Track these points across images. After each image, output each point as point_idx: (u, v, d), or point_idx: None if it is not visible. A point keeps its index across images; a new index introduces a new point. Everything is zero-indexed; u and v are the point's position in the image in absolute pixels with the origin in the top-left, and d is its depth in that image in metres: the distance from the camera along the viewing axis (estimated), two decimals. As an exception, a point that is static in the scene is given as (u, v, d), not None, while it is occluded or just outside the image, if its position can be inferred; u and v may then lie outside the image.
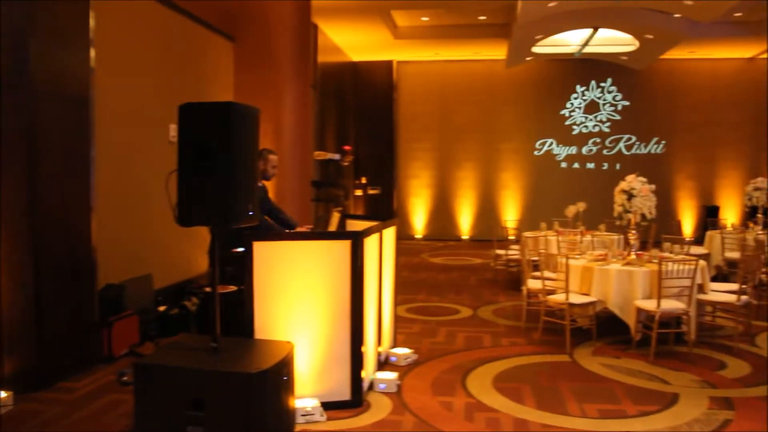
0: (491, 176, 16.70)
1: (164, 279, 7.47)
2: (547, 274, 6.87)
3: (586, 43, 13.68)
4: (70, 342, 5.63)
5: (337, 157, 13.26)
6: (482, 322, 7.70)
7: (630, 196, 6.93)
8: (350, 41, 14.79)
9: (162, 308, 6.94)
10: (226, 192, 4.03)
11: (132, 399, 4.03)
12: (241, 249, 4.80)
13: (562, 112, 16.51)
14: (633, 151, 16.32)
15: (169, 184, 4.18)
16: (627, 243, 7.30)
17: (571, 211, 9.94)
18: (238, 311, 4.74)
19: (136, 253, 7.05)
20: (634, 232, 7.10)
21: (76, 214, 5.79)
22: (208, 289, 4.51)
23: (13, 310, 5.18)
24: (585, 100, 16.42)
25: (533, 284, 7.23)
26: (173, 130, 7.46)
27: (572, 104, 16.46)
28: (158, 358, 4.25)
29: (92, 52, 5.93)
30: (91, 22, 5.92)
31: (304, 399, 4.60)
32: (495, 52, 15.48)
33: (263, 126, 4.51)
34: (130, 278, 6.66)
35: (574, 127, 16.49)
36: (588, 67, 15.95)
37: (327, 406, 4.67)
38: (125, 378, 5.25)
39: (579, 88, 16.41)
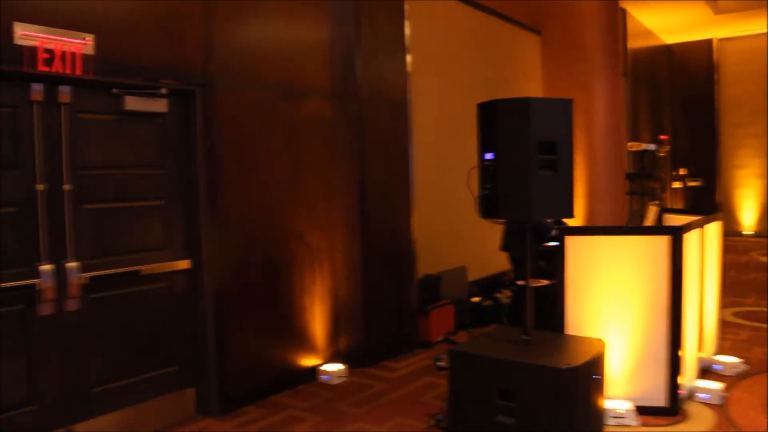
0: (840, 163, 14.49)
1: (477, 272, 7.77)
2: None
3: None
4: (392, 325, 6.15)
5: (652, 147, 12.54)
6: (827, 332, 6.73)
7: None
8: (663, 23, 13.88)
9: (475, 299, 7.23)
10: (530, 186, 3.99)
11: (446, 384, 4.26)
12: (554, 243, 4.75)
13: None
14: None
15: (473, 179, 4.31)
16: None
17: None
18: (550, 306, 4.74)
19: (451, 247, 7.43)
20: None
21: (399, 209, 6.27)
22: (520, 282, 4.57)
23: (347, 295, 5.81)
24: None
25: None
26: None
27: None
28: (472, 347, 4.41)
29: (408, 58, 6.36)
30: (407, 31, 6.35)
31: (615, 400, 4.45)
32: (842, 15, 13.38)
33: (574, 118, 4.43)
34: (446, 270, 7.06)
35: None
36: None
37: (638, 410, 4.46)
38: (440, 363, 5.55)
39: None
